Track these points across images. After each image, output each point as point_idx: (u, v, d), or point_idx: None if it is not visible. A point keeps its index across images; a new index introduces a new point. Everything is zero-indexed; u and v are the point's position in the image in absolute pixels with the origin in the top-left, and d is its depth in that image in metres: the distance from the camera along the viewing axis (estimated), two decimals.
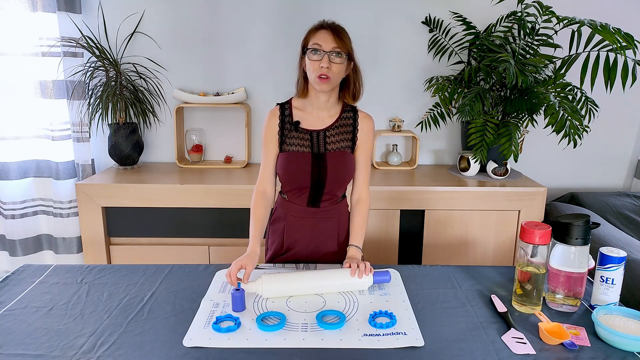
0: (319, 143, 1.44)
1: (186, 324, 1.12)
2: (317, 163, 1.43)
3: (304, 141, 1.44)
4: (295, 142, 1.44)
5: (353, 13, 2.44)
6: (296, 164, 1.43)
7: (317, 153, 1.44)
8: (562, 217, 1.17)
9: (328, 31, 1.35)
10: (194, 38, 2.47)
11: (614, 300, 1.18)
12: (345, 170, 1.46)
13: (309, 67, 1.37)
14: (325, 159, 1.43)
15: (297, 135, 1.44)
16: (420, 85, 2.53)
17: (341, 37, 1.35)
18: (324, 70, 1.34)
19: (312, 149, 1.44)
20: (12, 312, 1.18)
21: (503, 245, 2.25)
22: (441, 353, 1.02)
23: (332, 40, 1.34)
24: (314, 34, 1.37)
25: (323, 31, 1.35)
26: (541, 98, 2.04)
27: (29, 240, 2.45)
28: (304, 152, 1.44)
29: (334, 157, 1.44)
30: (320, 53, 1.34)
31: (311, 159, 1.43)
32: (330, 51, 1.34)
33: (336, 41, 1.34)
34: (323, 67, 1.33)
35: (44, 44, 2.27)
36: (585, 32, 2.14)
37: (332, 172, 1.43)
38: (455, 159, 2.65)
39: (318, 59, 1.34)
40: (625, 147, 2.68)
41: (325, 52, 1.34)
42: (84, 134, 2.41)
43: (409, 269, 1.43)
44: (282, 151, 1.46)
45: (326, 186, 1.45)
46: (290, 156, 1.44)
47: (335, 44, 1.34)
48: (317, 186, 1.45)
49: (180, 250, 2.25)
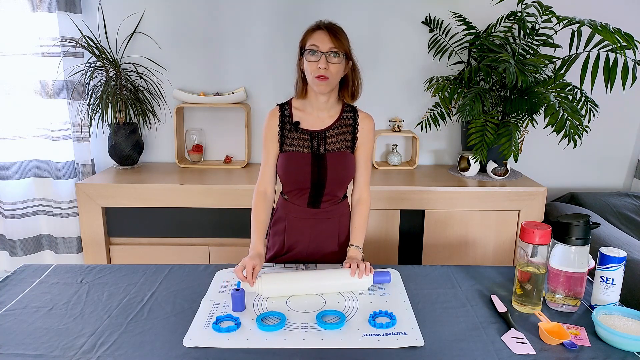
0: (319, 143, 1.44)
1: (186, 324, 1.12)
2: (317, 163, 1.43)
3: (304, 141, 1.44)
4: (295, 143, 1.44)
5: (353, 13, 2.44)
6: (296, 165, 1.43)
7: (317, 153, 1.44)
8: (562, 217, 1.17)
9: (325, 31, 1.34)
10: (194, 38, 2.47)
11: (614, 300, 1.18)
12: (345, 171, 1.46)
13: (306, 68, 1.37)
14: (325, 160, 1.43)
15: (297, 135, 1.44)
16: (420, 85, 2.53)
17: (338, 36, 1.35)
18: (321, 71, 1.34)
19: (312, 149, 1.44)
20: (12, 312, 1.18)
21: (503, 245, 2.25)
22: (441, 353, 1.02)
23: (329, 41, 1.33)
24: (311, 34, 1.36)
25: (320, 32, 1.35)
26: (541, 98, 2.04)
27: (29, 240, 2.45)
28: (304, 152, 1.44)
29: (334, 157, 1.44)
30: (318, 54, 1.34)
31: (311, 159, 1.43)
32: (327, 52, 1.33)
33: (333, 41, 1.33)
34: (321, 67, 1.33)
35: (44, 44, 2.27)
36: (585, 32, 2.14)
37: (332, 172, 1.43)
38: (455, 159, 2.65)
39: (315, 59, 1.34)
40: (625, 147, 2.68)
41: (322, 52, 1.33)
42: (84, 134, 2.41)
43: (409, 269, 1.43)
44: (282, 152, 1.46)
45: (326, 187, 1.45)
46: (290, 156, 1.44)
47: (333, 44, 1.33)
48: (317, 186, 1.45)
49: (180, 250, 2.25)
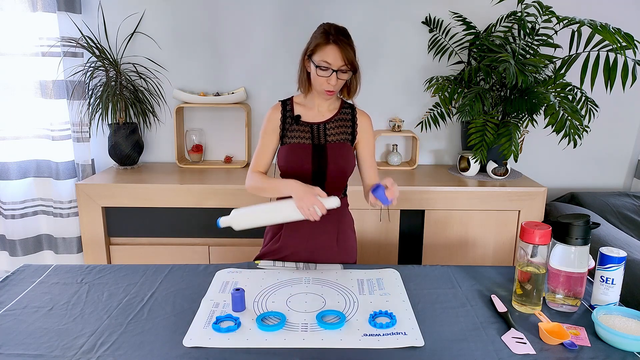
0: (319, 135, 1.48)
1: (186, 324, 1.12)
2: (317, 154, 1.46)
3: (305, 133, 1.48)
4: (296, 135, 1.48)
5: (353, 13, 2.44)
6: (297, 155, 1.46)
7: (318, 144, 1.47)
8: (562, 217, 1.17)
9: (336, 48, 1.35)
10: (194, 38, 2.47)
11: (614, 300, 1.18)
12: (345, 161, 1.48)
13: (315, 78, 1.40)
14: (326, 150, 1.46)
15: (298, 128, 1.48)
16: (420, 85, 2.53)
17: (348, 52, 1.36)
18: (331, 87, 1.38)
19: (312, 140, 1.47)
20: (12, 312, 1.18)
21: (503, 245, 2.25)
22: (441, 353, 1.02)
23: (341, 58, 1.36)
24: (323, 48, 1.36)
25: (331, 47, 1.35)
26: (541, 98, 2.04)
27: (29, 240, 2.45)
28: (304, 143, 1.47)
29: (334, 148, 1.47)
30: (329, 71, 1.36)
31: (312, 150, 1.46)
32: (338, 69, 1.37)
33: (344, 59, 1.36)
34: (331, 84, 1.37)
35: (44, 44, 2.27)
36: (585, 32, 2.14)
37: (332, 163, 1.46)
38: (455, 159, 2.65)
39: (326, 75, 1.37)
40: (625, 147, 2.68)
41: (334, 70, 1.36)
42: (84, 134, 2.41)
43: (409, 269, 1.43)
44: (283, 144, 1.49)
45: (327, 178, 1.47)
46: (291, 148, 1.47)
47: (344, 62, 1.36)
48: (318, 177, 1.47)
49: (180, 250, 2.25)
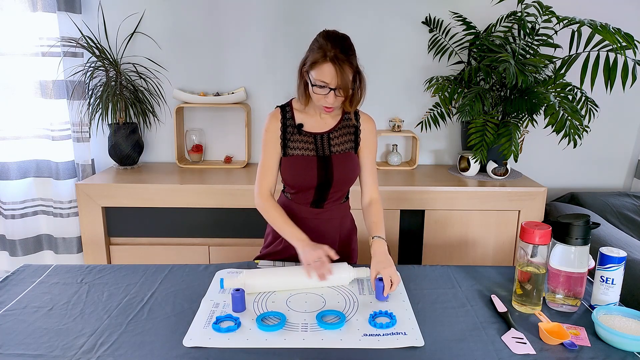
0: (323, 146, 1.43)
1: (186, 324, 1.12)
2: (323, 166, 1.42)
3: (308, 144, 1.43)
4: (299, 146, 1.43)
5: (353, 13, 2.44)
6: (302, 169, 1.42)
7: (323, 156, 1.43)
8: (562, 217, 1.17)
9: (332, 68, 1.27)
10: (194, 38, 2.47)
11: (614, 300, 1.18)
12: (350, 172, 1.46)
13: (313, 94, 1.34)
14: (331, 162, 1.42)
15: (300, 138, 1.43)
16: (420, 85, 2.53)
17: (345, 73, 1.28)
18: (329, 104, 1.33)
19: (317, 152, 1.43)
20: (12, 312, 1.18)
21: (503, 245, 2.25)
22: (441, 353, 1.02)
23: (338, 78, 1.28)
24: (320, 66, 1.28)
25: (328, 66, 1.27)
26: (541, 98, 2.04)
27: (29, 240, 2.45)
28: (309, 155, 1.42)
29: (339, 159, 1.43)
30: (326, 89, 1.30)
31: (317, 162, 1.42)
32: (336, 88, 1.30)
33: (341, 78, 1.28)
34: (328, 102, 1.32)
35: (44, 44, 2.26)
36: (585, 32, 2.14)
37: (338, 174, 1.43)
38: (455, 159, 2.65)
39: (324, 93, 1.31)
40: (625, 147, 2.68)
41: (331, 89, 1.30)
42: (84, 134, 2.41)
43: (409, 269, 1.43)
44: (285, 155, 1.44)
45: (332, 187, 1.44)
46: (295, 160, 1.42)
47: (340, 82, 1.29)
48: (323, 188, 1.44)
49: (180, 250, 2.25)
